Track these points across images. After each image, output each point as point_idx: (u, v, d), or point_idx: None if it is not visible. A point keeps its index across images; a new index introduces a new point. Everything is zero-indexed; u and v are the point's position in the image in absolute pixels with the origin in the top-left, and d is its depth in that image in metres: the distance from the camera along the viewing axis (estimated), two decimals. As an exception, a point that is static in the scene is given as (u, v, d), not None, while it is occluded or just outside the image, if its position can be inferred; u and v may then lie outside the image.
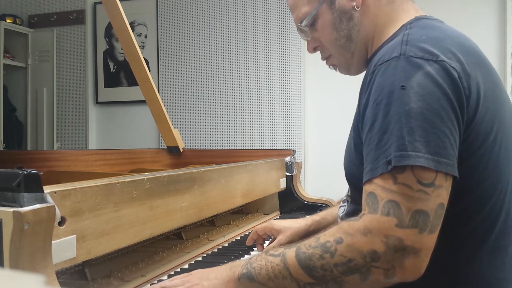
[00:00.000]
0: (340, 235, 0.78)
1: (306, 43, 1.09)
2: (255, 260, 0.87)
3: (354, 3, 0.97)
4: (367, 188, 0.80)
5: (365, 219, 0.77)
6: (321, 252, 0.79)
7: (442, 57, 0.80)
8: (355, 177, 0.89)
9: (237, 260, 0.92)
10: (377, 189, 0.77)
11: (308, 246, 0.81)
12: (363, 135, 0.84)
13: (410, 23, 0.93)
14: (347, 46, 1.00)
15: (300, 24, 1.03)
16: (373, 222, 0.76)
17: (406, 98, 0.77)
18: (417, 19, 0.94)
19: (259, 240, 1.32)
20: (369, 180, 0.79)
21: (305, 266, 0.80)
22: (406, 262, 0.74)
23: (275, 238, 1.27)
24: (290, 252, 0.83)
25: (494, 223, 0.85)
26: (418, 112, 0.76)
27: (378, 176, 0.78)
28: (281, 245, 1.18)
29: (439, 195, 0.75)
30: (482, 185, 0.84)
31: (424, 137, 0.75)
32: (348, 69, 1.06)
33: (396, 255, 0.74)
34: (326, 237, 0.80)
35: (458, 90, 0.79)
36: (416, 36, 0.85)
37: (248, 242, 1.31)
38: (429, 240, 0.75)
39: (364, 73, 0.99)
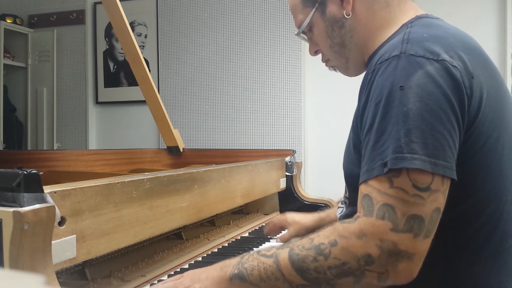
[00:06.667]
0: (335, 238, 0.78)
1: (306, 44, 1.11)
2: (246, 260, 0.86)
3: (344, 12, 0.97)
4: (362, 190, 0.79)
5: (360, 222, 0.77)
6: (315, 255, 0.78)
7: (444, 56, 0.79)
8: (354, 178, 0.88)
9: (228, 260, 0.90)
10: (373, 191, 0.77)
11: (302, 247, 0.80)
12: (362, 136, 0.84)
13: (411, 22, 0.92)
14: (341, 52, 1.02)
15: (298, 30, 1.05)
16: (368, 225, 0.75)
17: (404, 99, 0.76)
18: (418, 17, 0.93)
19: (275, 230, 1.44)
20: (365, 182, 0.79)
21: (298, 268, 0.79)
22: (399, 266, 0.74)
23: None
24: (283, 253, 0.82)
25: (496, 225, 0.84)
26: (417, 113, 0.75)
27: (374, 178, 0.77)
28: (290, 236, 1.36)
29: (435, 200, 0.75)
30: (485, 186, 0.83)
31: (421, 138, 0.74)
32: (346, 72, 1.08)
33: (390, 259, 0.74)
34: (320, 238, 0.80)
35: (460, 90, 0.78)
36: (418, 34, 0.84)
37: (266, 232, 1.45)
38: (424, 245, 0.75)
39: (364, 72, 0.99)
